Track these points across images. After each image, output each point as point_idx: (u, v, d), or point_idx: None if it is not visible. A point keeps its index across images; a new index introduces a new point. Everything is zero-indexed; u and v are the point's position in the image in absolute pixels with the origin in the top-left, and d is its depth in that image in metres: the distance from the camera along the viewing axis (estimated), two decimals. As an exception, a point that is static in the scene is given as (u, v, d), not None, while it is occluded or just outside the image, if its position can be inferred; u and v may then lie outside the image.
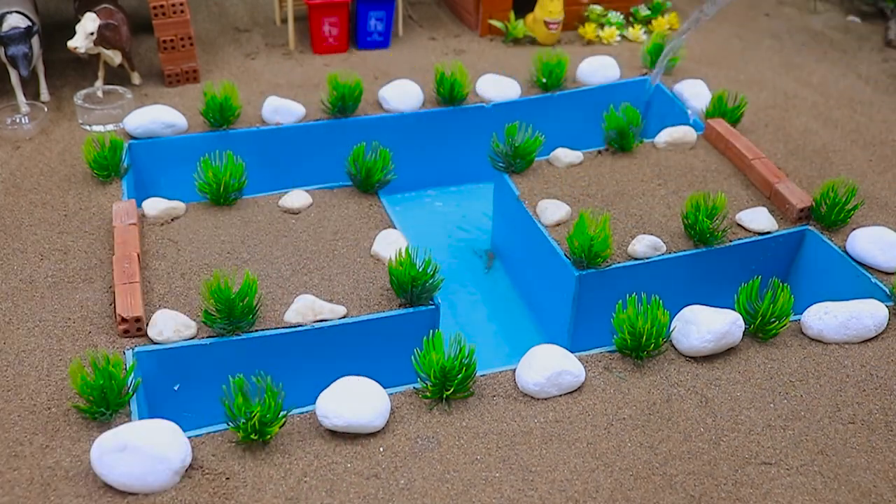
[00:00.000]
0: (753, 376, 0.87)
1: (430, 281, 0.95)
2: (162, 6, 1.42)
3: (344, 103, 1.33)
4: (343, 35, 1.62)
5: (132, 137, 1.28)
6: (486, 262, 1.30)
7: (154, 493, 0.72)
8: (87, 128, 1.32)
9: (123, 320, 0.89)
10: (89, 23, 1.32)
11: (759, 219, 1.12)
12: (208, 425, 0.79)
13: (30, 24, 1.31)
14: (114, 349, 0.89)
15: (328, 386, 0.80)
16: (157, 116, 1.27)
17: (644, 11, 1.79)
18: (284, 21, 1.76)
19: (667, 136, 1.29)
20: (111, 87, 1.39)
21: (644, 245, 1.05)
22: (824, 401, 0.85)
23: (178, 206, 1.11)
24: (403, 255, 0.94)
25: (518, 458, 0.77)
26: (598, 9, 1.73)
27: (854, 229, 1.09)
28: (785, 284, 0.92)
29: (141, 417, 0.82)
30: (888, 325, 0.94)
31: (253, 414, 0.75)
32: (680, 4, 1.90)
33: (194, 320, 0.92)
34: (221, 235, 1.07)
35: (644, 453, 0.78)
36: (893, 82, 1.60)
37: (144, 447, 0.72)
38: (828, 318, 0.92)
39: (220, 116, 1.29)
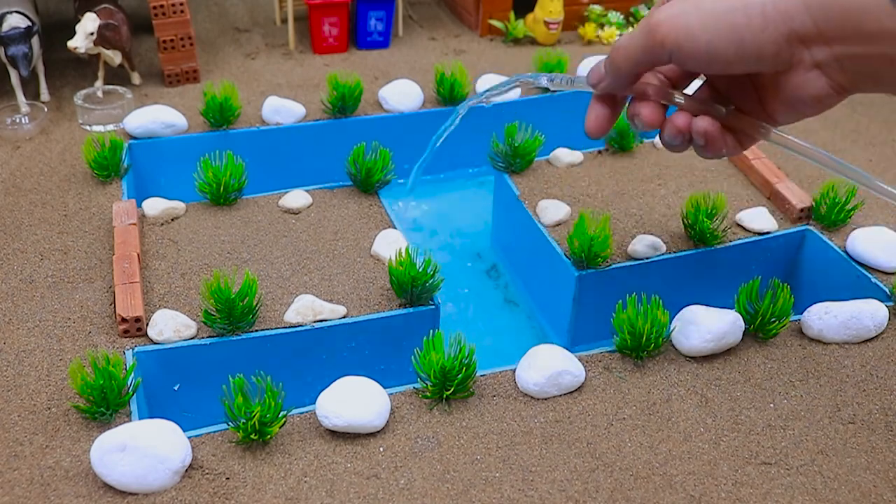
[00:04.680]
0: (753, 376, 0.87)
1: (430, 281, 0.95)
2: (162, 6, 1.42)
3: (344, 103, 1.33)
4: (343, 35, 1.62)
5: (132, 137, 1.28)
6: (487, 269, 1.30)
7: (154, 493, 0.72)
8: (87, 128, 1.32)
9: (123, 320, 0.89)
10: (89, 23, 1.32)
11: (759, 219, 1.12)
12: (208, 425, 0.79)
13: (30, 24, 1.31)
14: (114, 349, 0.89)
15: (328, 386, 0.80)
16: (157, 116, 1.27)
17: (644, 11, 1.79)
18: (284, 21, 1.76)
19: (667, 136, 1.29)
20: (111, 87, 1.39)
21: (644, 245, 1.05)
22: (824, 401, 0.85)
23: (178, 206, 1.11)
24: (403, 255, 0.94)
25: (518, 458, 0.77)
26: (598, 9, 1.73)
27: (854, 229, 1.09)
28: (785, 284, 0.92)
29: (141, 417, 0.82)
30: (888, 325, 0.94)
31: (253, 414, 0.75)
32: (680, 4, 1.90)
33: (194, 320, 0.92)
34: (221, 235, 1.07)
35: (644, 453, 0.78)
36: (893, 82, 1.60)
37: (144, 447, 0.72)
38: (828, 318, 0.92)
39: (220, 116, 1.29)
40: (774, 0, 0.54)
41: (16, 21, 1.30)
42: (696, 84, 0.69)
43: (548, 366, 0.83)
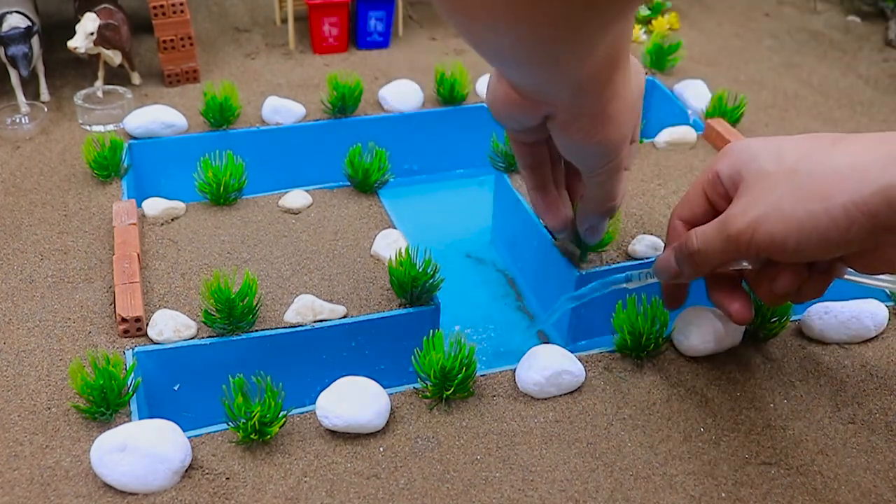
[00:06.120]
0: (753, 376, 0.88)
1: (431, 281, 0.95)
2: (162, 6, 1.42)
3: (344, 103, 1.33)
4: (343, 35, 1.62)
5: (132, 137, 1.28)
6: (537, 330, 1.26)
7: (154, 493, 0.72)
8: (87, 128, 1.32)
9: (123, 320, 0.89)
10: (89, 23, 1.32)
11: (759, 219, 1.11)
12: (208, 425, 0.79)
13: (30, 24, 1.31)
14: (114, 349, 0.89)
15: (328, 386, 0.81)
16: (157, 116, 1.27)
17: (644, 11, 1.78)
18: (284, 21, 1.76)
19: (667, 136, 1.29)
20: (111, 87, 1.39)
21: (644, 245, 1.05)
22: (824, 401, 0.85)
23: (178, 206, 1.11)
24: (403, 255, 0.94)
25: (518, 458, 0.77)
26: (598, 9, 1.73)
27: (854, 229, 1.08)
28: (785, 284, 0.92)
29: (141, 417, 0.82)
30: (888, 325, 0.94)
31: (253, 414, 0.75)
32: (680, 4, 1.90)
33: (194, 320, 0.92)
34: (221, 235, 1.07)
35: (644, 453, 0.78)
36: (893, 82, 1.60)
37: (144, 447, 0.72)
38: (828, 318, 0.92)
39: (220, 116, 1.29)
40: (854, 200, 0.56)
41: (16, 21, 1.30)
42: None
43: (548, 366, 0.83)
